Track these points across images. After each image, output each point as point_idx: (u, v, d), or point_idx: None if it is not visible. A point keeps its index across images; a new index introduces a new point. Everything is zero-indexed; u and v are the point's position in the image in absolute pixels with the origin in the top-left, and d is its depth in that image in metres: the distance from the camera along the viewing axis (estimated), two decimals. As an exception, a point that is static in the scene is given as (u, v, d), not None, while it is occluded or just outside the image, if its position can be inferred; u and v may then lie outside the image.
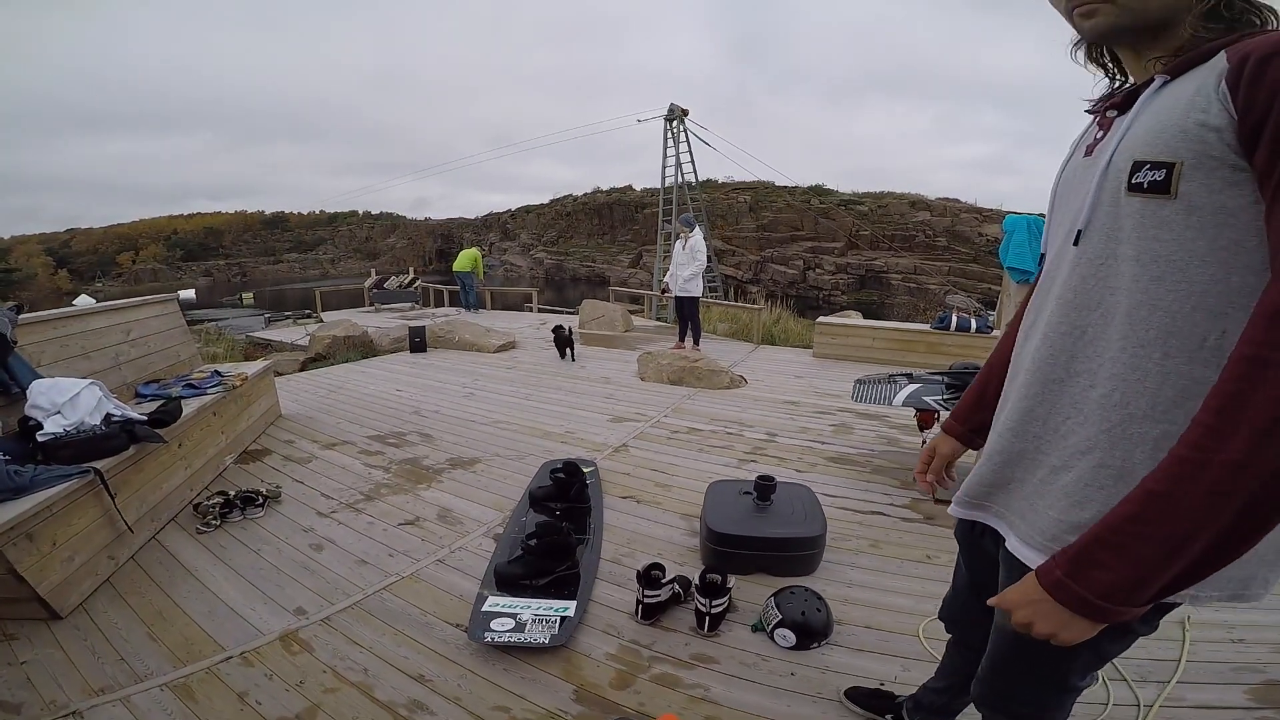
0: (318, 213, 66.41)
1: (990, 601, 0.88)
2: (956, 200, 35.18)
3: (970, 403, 1.25)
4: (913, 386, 3.77)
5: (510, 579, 2.35)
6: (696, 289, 7.07)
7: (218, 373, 3.98)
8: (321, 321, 11.70)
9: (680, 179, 15.21)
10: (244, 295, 22.14)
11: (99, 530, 2.42)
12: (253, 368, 4.29)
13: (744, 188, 38.98)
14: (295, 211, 67.22)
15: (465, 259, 12.26)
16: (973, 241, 32.01)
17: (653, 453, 3.95)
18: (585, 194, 47.25)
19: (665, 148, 15.12)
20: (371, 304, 13.60)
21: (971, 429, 1.25)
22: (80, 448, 2.43)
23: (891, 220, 34.23)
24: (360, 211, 63.69)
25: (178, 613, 2.22)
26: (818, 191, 37.55)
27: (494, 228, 48.74)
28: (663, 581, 2.24)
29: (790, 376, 6.31)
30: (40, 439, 2.40)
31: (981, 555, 1.15)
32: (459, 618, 2.20)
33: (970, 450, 1.29)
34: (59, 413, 2.51)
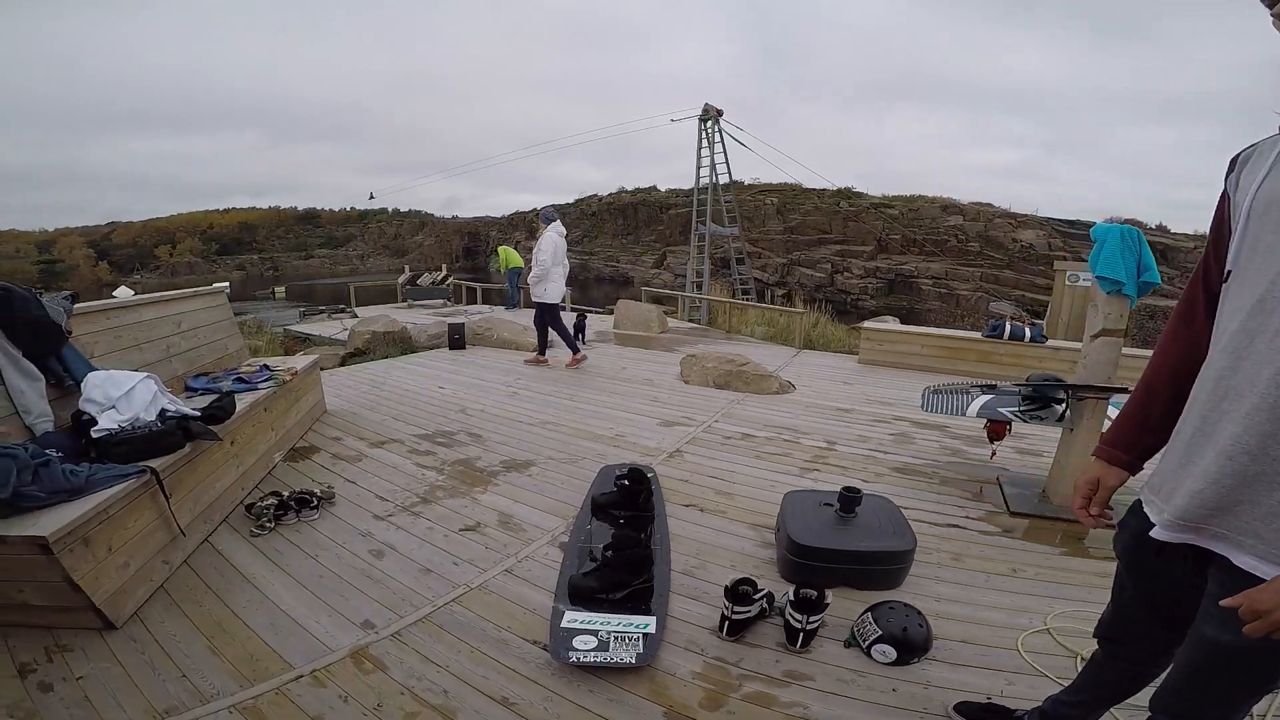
0: (349, 210, 67.32)
1: (1227, 602, 0.89)
2: (990, 205, 34.40)
3: (1133, 428, 1.24)
4: (986, 397, 3.65)
5: (585, 592, 2.22)
6: (545, 294, 6.09)
7: (266, 367, 3.91)
8: (356, 316, 11.75)
9: (715, 180, 15.01)
10: (276, 289, 22.50)
11: (153, 533, 2.31)
12: (301, 362, 4.22)
13: (771, 189, 38.51)
14: (327, 209, 68.23)
15: (516, 257, 12.36)
16: (1006, 247, 31.28)
17: (708, 459, 3.80)
18: (610, 194, 47.17)
19: (699, 148, 14.93)
20: (404, 300, 13.66)
21: (1138, 456, 1.23)
22: (136, 445, 2.33)
23: (923, 224, 33.55)
24: (390, 209, 64.35)
25: (238, 625, 2.11)
26: (846, 194, 36.90)
27: (520, 227, 48.86)
28: (754, 598, 2.11)
29: (838, 383, 6.12)
30: (94, 435, 2.31)
31: (1164, 576, 1.13)
32: (536, 634, 2.07)
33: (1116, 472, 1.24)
34: (114, 407, 2.41)
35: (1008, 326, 6.94)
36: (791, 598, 2.07)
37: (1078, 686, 1.47)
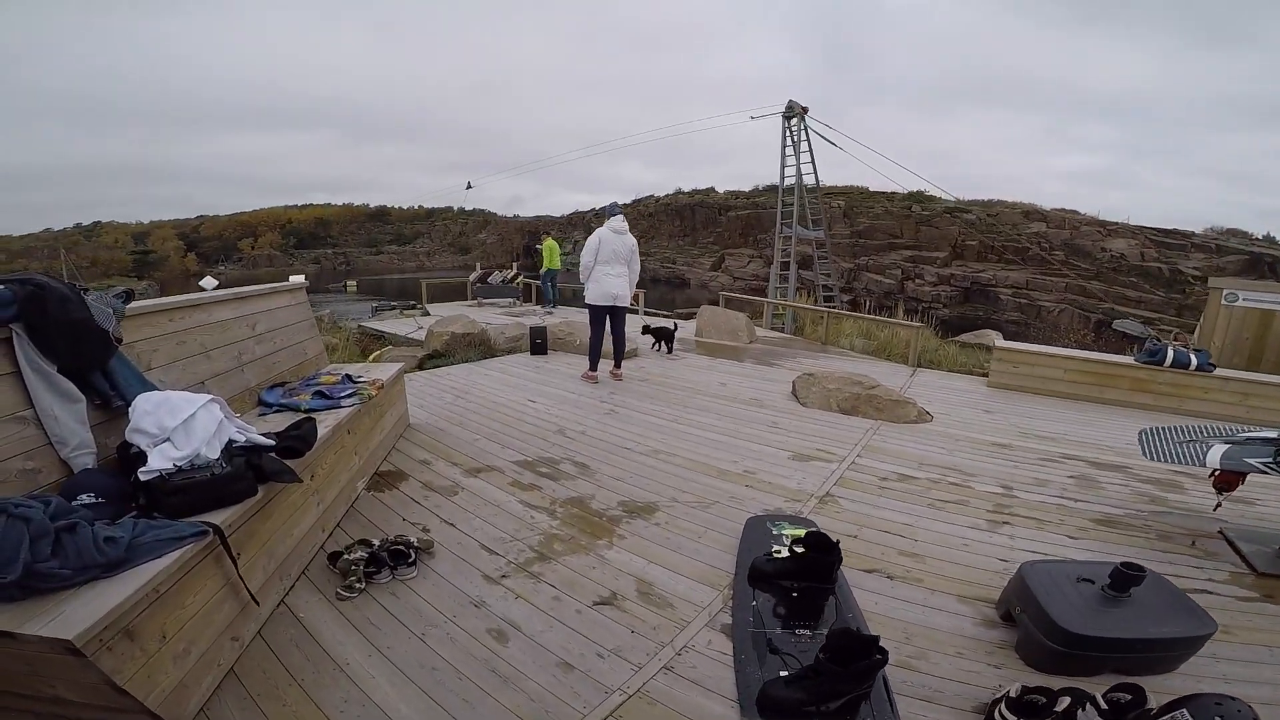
0: (417, 208, 69.21)
1: None
2: (1075, 212, 32.23)
3: None
4: (1226, 445, 3.02)
5: (789, 706, 1.66)
6: (586, 295, 5.48)
7: (349, 377, 3.40)
8: (428, 314, 11.55)
9: (800, 180, 14.14)
10: (349, 283, 22.97)
11: (219, 606, 1.79)
12: (386, 371, 3.71)
13: (837, 192, 37.19)
14: (397, 206, 70.46)
15: (555, 257, 11.98)
16: (1094, 256, 29.23)
17: (871, 507, 3.12)
18: (667, 195, 46.61)
19: (784, 147, 14.09)
20: (474, 297, 13.42)
21: None
22: (194, 495, 1.80)
23: (1002, 230, 31.76)
24: (455, 208, 65.81)
25: (335, 742, 1.53)
26: (919, 198, 35.20)
27: (579, 226, 48.93)
28: (1055, 709, 1.53)
29: (978, 410, 5.29)
30: (142, 477, 1.79)
31: None
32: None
33: None
34: (168, 440, 1.87)
35: (1170, 351, 5.96)
36: (1103, 705, 1.56)
37: None
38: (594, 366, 5.65)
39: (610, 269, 5.33)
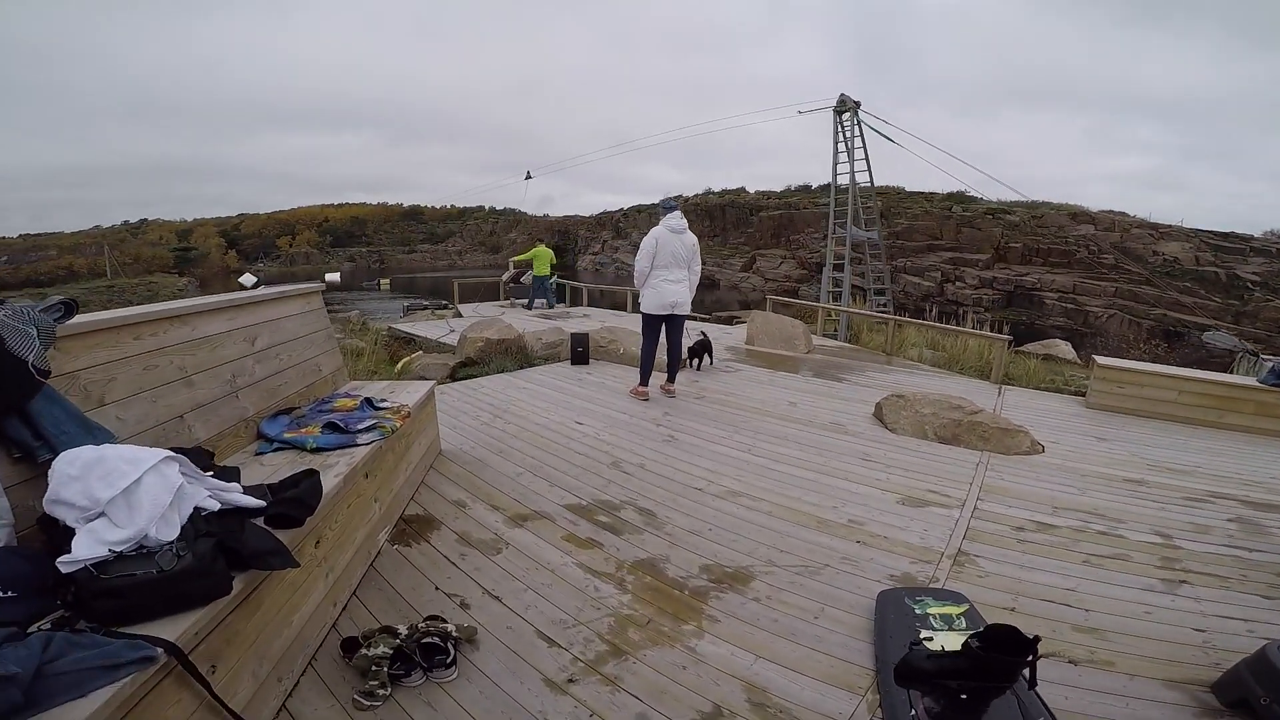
0: (449, 207, 69.70)
1: None
2: (1124, 214, 30.82)
3: None
4: None
5: None
6: (641, 303, 5.01)
7: (370, 402, 2.83)
8: (459, 314, 11.14)
9: (853, 178, 13.35)
10: (382, 281, 22.90)
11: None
12: (414, 393, 3.13)
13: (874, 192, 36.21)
14: (430, 205, 71.11)
15: (544, 264, 11.67)
16: (1146, 260, 27.93)
17: (1017, 567, 2.50)
18: (697, 195, 45.79)
19: (836, 144, 13.31)
20: (507, 298, 12.97)
21: None
22: (137, 597, 1.23)
23: (1048, 233, 30.63)
24: (486, 207, 66.08)
25: None
26: (959, 198, 34.12)
27: (607, 226, 48.46)
28: None
29: (1087, 437, 4.57)
30: (64, 568, 1.22)
31: None
32: None
33: None
34: (103, 515, 1.30)
35: (1306, 373, 5.20)
36: None
37: None
38: (645, 381, 5.06)
39: (669, 274, 4.75)
